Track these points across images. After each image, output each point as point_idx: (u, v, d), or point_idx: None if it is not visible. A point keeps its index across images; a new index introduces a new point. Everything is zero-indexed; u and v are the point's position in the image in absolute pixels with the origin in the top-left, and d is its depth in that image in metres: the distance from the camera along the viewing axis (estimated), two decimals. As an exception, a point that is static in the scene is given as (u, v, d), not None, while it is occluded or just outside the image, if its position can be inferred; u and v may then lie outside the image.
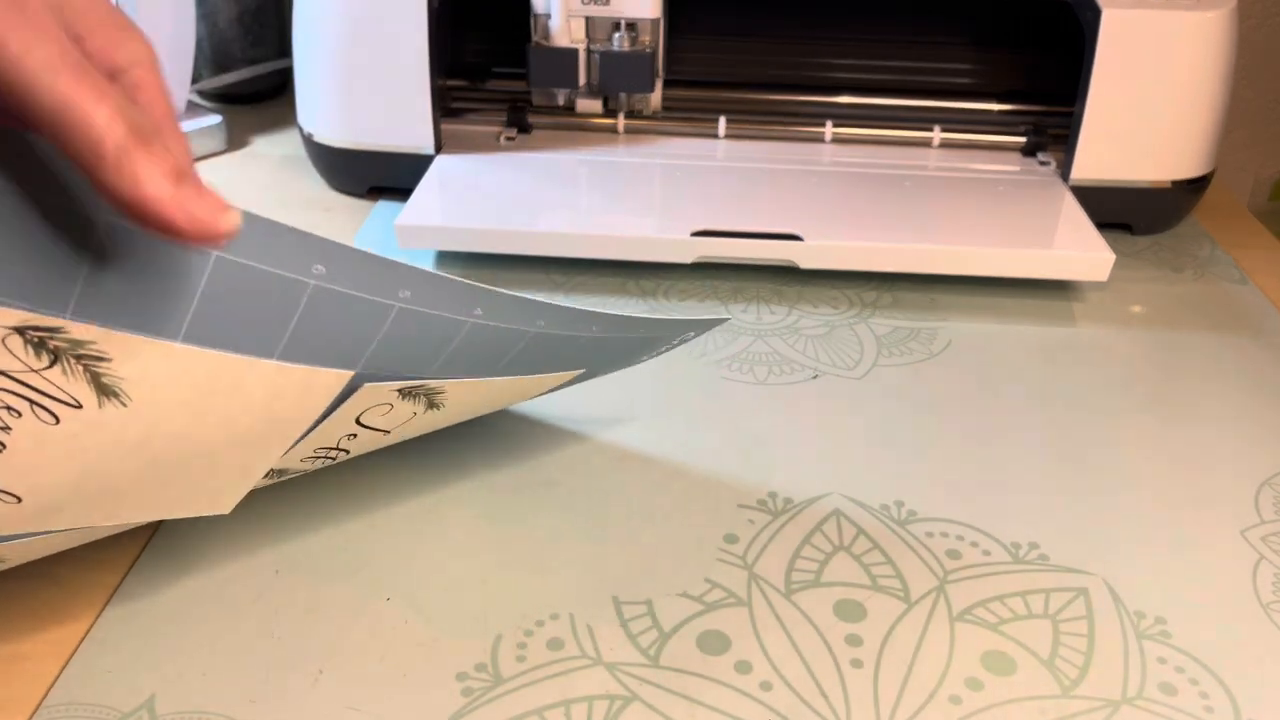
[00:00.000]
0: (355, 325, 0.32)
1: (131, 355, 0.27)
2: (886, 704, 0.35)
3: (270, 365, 0.31)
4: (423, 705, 0.35)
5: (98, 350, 0.27)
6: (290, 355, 0.32)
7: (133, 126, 0.24)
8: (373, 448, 0.40)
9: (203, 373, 0.29)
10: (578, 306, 0.38)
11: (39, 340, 0.26)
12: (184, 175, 0.25)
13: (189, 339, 0.28)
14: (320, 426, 0.35)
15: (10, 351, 0.26)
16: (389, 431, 0.39)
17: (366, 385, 0.34)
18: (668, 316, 0.43)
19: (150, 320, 0.28)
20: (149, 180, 0.24)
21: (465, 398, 0.40)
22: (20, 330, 0.26)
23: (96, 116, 0.24)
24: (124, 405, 0.28)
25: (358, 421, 0.37)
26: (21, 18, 0.23)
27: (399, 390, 0.36)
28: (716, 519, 0.43)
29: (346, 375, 0.33)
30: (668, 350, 0.46)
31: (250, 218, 0.28)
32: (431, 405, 0.38)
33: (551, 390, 0.44)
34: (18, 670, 0.36)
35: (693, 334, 0.45)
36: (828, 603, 0.39)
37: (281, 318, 0.31)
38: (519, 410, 0.49)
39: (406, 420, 0.39)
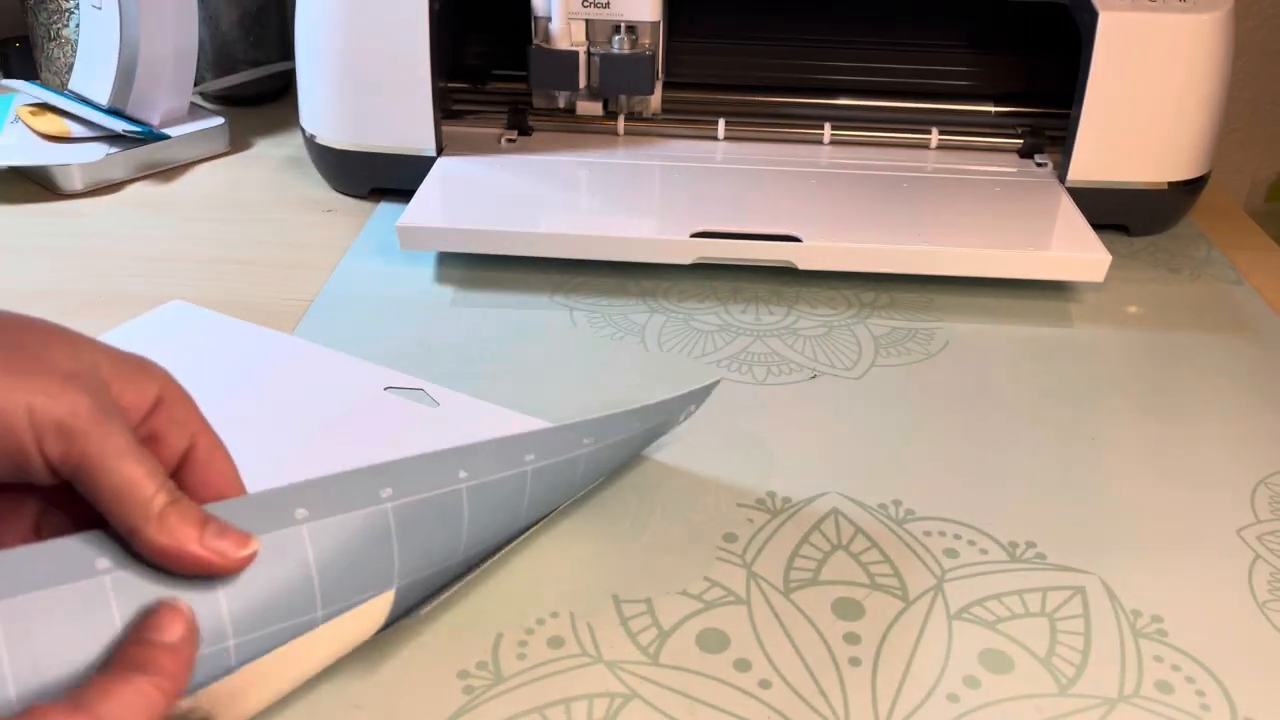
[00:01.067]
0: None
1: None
2: (885, 702, 0.35)
3: (333, 625, 0.33)
4: (424, 703, 0.35)
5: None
6: (404, 575, 0.34)
7: (168, 490, 0.30)
8: None
9: (281, 680, 0.33)
10: (562, 424, 0.39)
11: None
12: (207, 522, 0.30)
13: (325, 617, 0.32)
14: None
15: None
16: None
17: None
18: (659, 398, 0.43)
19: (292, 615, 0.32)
20: (185, 532, 0.30)
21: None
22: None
23: (146, 489, 0.29)
24: None
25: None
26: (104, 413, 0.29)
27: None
28: (715, 518, 0.43)
29: (389, 594, 0.35)
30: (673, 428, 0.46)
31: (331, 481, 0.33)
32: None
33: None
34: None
35: (693, 407, 0.46)
36: (826, 601, 0.39)
37: (383, 553, 0.34)
38: (516, 410, 0.49)
39: None
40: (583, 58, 0.66)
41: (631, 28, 0.66)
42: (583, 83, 0.67)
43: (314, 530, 0.32)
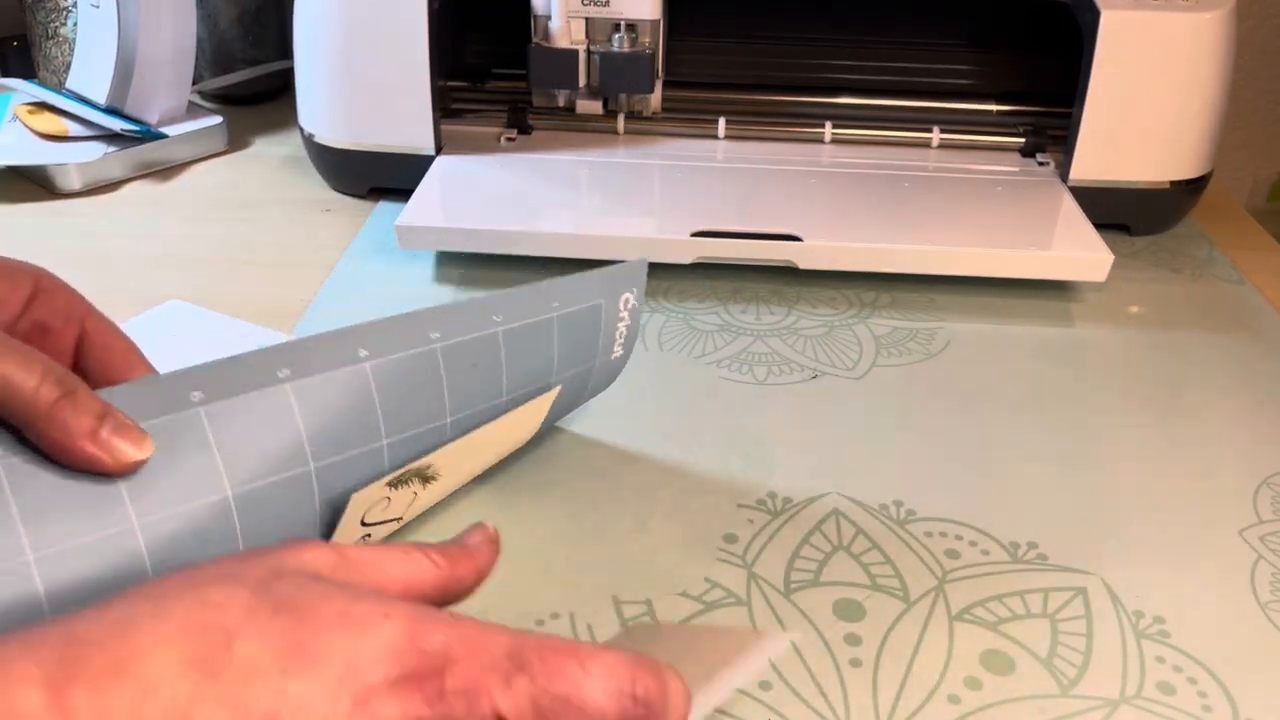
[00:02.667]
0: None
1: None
2: (885, 703, 0.35)
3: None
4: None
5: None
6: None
7: (59, 383, 0.29)
8: (387, 534, 0.40)
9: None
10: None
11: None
12: (105, 416, 0.29)
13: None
14: (333, 539, 0.36)
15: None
16: (400, 519, 0.39)
17: (355, 496, 0.35)
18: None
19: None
20: (78, 426, 0.29)
21: (457, 463, 0.40)
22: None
23: (28, 383, 0.29)
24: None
25: (364, 524, 0.37)
26: None
27: (388, 484, 0.36)
28: (716, 518, 0.43)
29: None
30: (625, 331, 0.45)
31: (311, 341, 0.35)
32: (426, 480, 0.39)
33: (534, 433, 0.44)
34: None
35: (630, 297, 0.45)
36: (827, 602, 0.39)
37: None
38: (519, 410, 0.49)
39: (410, 503, 0.39)
40: (582, 56, 0.66)
41: (631, 26, 0.66)
42: (582, 82, 0.67)
43: (299, 388, 0.34)
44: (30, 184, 0.69)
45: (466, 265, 0.61)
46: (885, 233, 0.59)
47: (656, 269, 0.61)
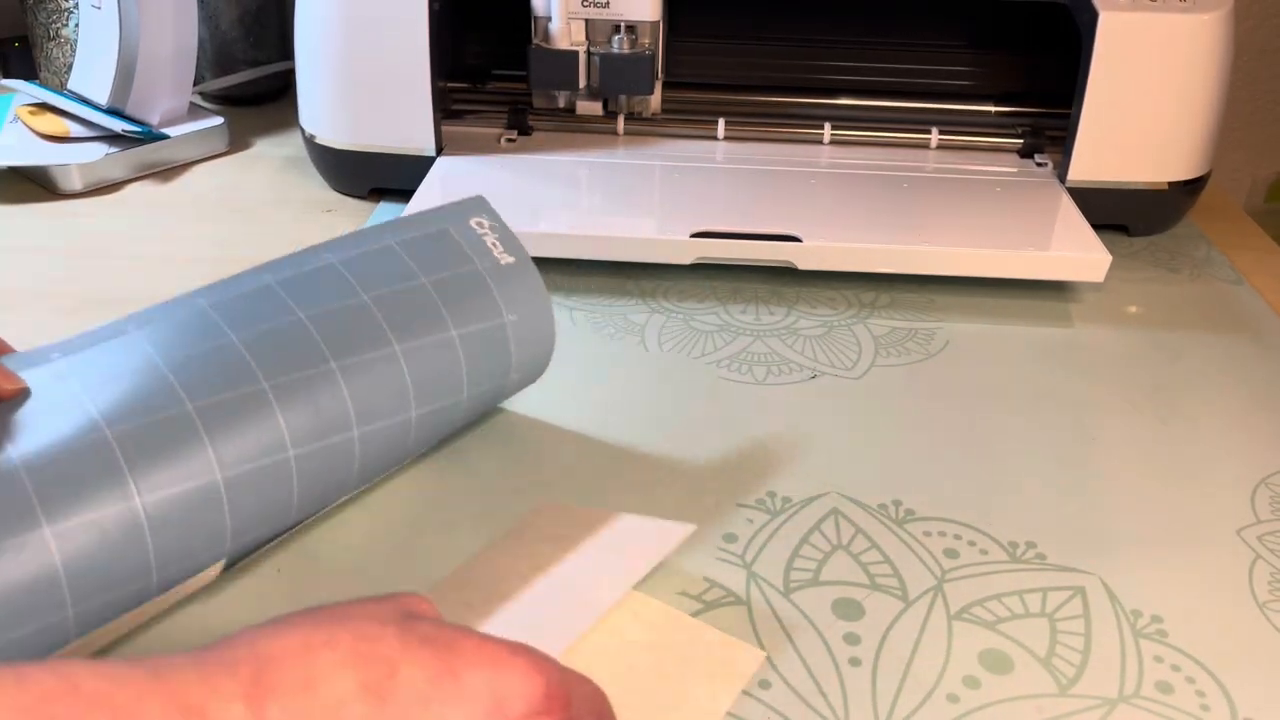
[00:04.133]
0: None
1: None
2: (884, 702, 0.35)
3: None
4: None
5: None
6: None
7: None
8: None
9: None
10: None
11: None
12: None
13: None
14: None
15: None
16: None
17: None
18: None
19: None
20: None
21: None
22: None
23: None
24: None
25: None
26: None
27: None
28: (715, 518, 0.43)
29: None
30: (499, 243, 0.45)
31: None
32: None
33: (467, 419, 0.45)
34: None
35: (483, 227, 0.45)
36: (826, 601, 0.39)
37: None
38: (518, 410, 0.49)
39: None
40: (582, 58, 0.66)
41: (631, 27, 0.66)
42: (582, 82, 0.67)
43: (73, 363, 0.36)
44: (31, 185, 0.69)
45: (467, 266, 0.61)
46: (884, 233, 0.59)
47: (656, 269, 0.61)
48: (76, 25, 0.77)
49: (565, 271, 0.61)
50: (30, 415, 0.33)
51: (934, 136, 0.71)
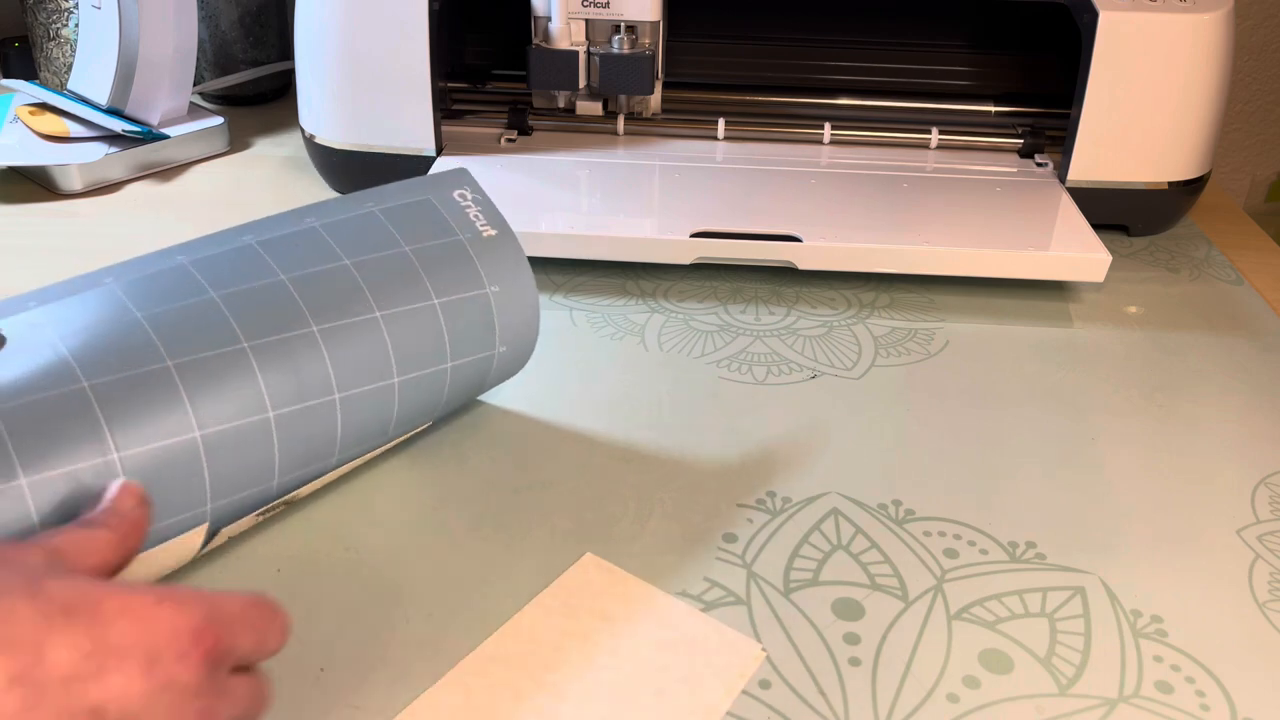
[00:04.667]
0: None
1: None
2: (884, 702, 0.35)
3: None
4: (425, 703, 0.35)
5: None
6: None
7: None
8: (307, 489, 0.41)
9: None
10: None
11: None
12: None
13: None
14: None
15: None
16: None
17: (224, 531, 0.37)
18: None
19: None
20: None
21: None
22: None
23: None
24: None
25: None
26: None
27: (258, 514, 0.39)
28: (715, 518, 0.43)
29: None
30: (481, 215, 0.45)
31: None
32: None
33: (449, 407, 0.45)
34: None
35: (466, 198, 0.46)
36: (826, 601, 0.39)
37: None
38: (519, 410, 0.49)
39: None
40: (582, 58, 0.66)
41: (631, 27, 0.66)
42: (582, 82, 0.67)
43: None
44: (32, 185, 0.69)
45: (467, 266, 0.61)
46: (884, 233, 0.59)
47: (656, 269, 0.61)
48: (76, 25, 0.77)
49: (565, 271, 0.61)
50: (5, 363, 0.33)
51: (934, 136, 0.71)
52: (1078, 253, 0.58)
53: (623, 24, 0.66)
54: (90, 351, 0.34)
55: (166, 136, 0.72)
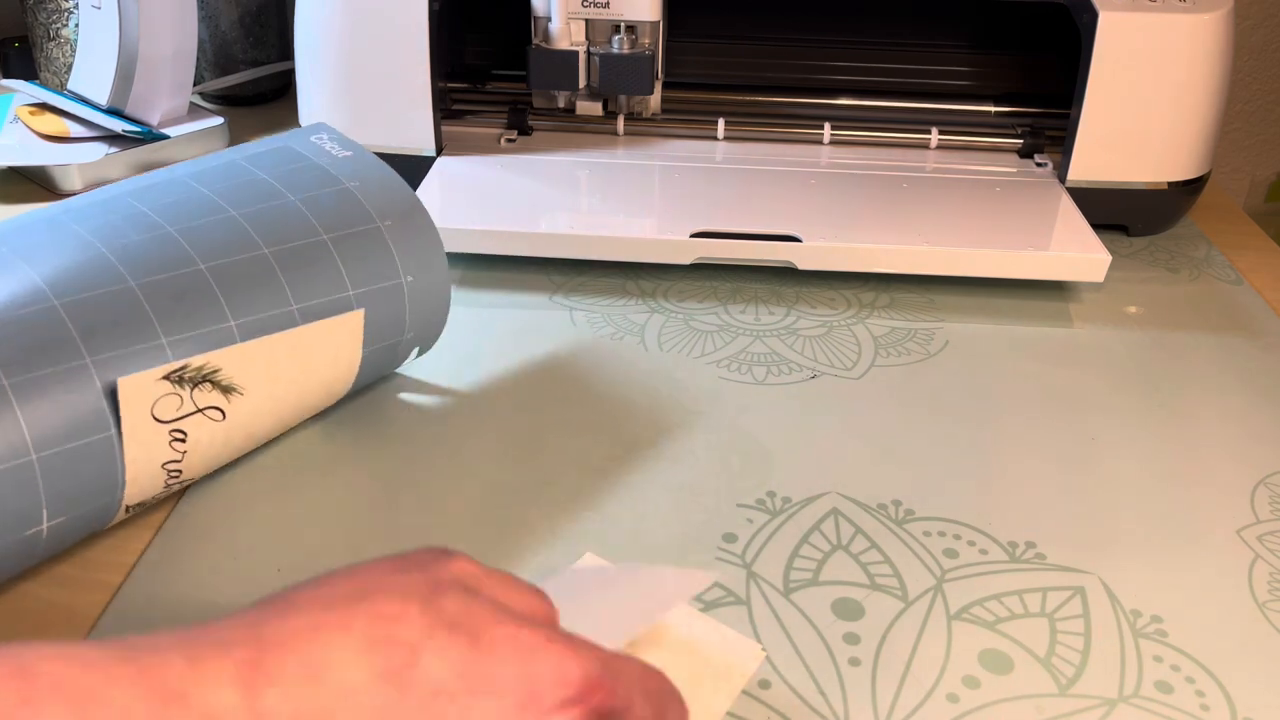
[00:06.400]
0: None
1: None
2: (884, 702, 0.35)
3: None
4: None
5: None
6: None
7: None
8: (211, 438, 0.41)
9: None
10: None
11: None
12: None
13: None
14: (124, 428, 0.38)
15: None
16: (222, 419, 0.41)
17: (121, 381, 0.37)
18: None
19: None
20: None
21: (258, 376, 0.41)
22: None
23: None
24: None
25: (159, 420, 0.38)
26: None
27: (168, 378, 0.38)
28: (715, 518, 0.43)
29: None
30: (350, 156, 0.47)
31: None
32: (226, 390, 0.40)
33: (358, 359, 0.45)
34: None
35: (322, 135, 0.47)
36: (826, 601, 0.39)
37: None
38: (519, 409, 0.49)
39: (221, 421, 0.40)
40: (582, 58, 0.66)
41: (631, 27, 0.66)
42: (582, 83, 0.67)
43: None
44: (32, 185, 0.69)
45: (466, 266, 0.61)
46: (884, 233, 0.59)
47: (656, 269, 0.61)
48: (76, 25, 0.77)
49: (565, 271, 0.61)
50: None
51: (934, 136, 0.71)
52: (1077, 253, 0.58)
53: (623, 24, 0.66)
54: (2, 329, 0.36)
55: (166, 137, 0.72)
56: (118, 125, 0.71)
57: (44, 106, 0.73)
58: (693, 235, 0.58)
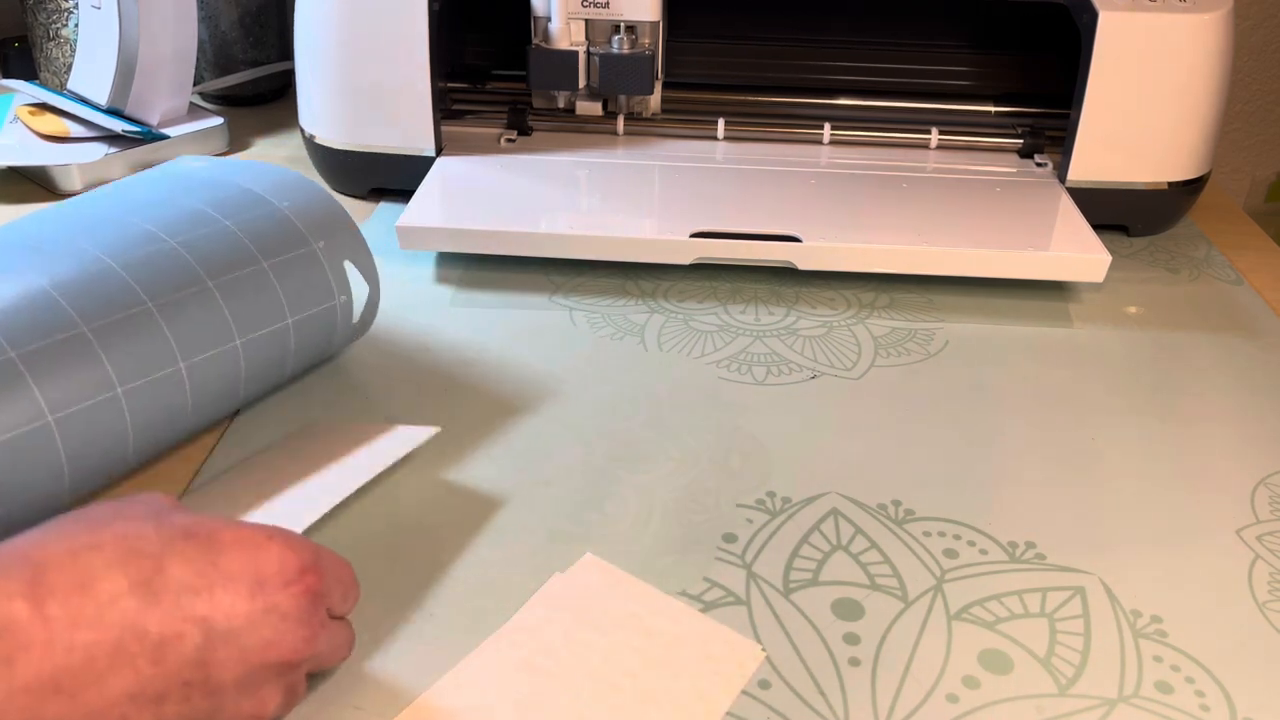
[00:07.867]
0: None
1: None
2: (884, 702, 0.35)
3: None
4: (425, 704, 0.35)
5: None
6: None
7: None
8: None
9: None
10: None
11: None
12: None
13: None
14: None
15: None
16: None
17: None
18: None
19: None
20: None
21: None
22: None
23: None
24: None
25: None
26: None
27: None
28: (715, 518, 0.43)
29: None
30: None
31: None
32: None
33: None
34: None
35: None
36: (826, 601, 0.39)
37: None
38: (518, 409, 0.49)
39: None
40: (582, 58, 0.66)
41: (631, 27, 0.66)
42: (582, 83, 0.67)
43: None
44: (32, 185, 0.69)
45: (466, 266, 0.61)
46: (884, 233, 0.59)
47: (656, 269, 0.61)
48: (76, 25, 0.77)
49: (565, 271, 0.61)
50: None
51: (934, 136, 0.71)
52: (1077, 253, 0.58)
53: (623, 24, 0.66)
54: None
55: (166, 137, 0.72)
56: (118, 125, 0.71)
57: (44, 106, 0.73)
58: (692, 235, 0.58)
